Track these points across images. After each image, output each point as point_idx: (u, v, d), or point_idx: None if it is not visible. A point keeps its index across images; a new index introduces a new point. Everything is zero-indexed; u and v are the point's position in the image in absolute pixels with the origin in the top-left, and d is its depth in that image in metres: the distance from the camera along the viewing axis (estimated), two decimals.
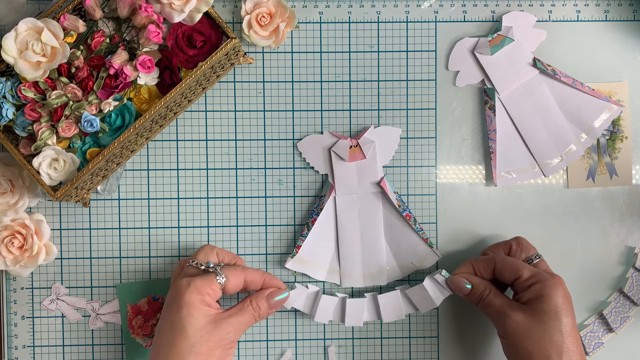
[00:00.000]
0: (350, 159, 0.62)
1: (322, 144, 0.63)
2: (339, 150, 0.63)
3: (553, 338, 0.54)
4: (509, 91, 0.64)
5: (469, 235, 0.65)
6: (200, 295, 0.54)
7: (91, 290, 0.64)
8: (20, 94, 0.56)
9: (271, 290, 0.58)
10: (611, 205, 0.65)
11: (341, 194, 0.63)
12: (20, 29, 0.55)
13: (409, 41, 0.64)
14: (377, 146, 0.63)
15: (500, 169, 0.64)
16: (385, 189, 0.63)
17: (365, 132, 0.63)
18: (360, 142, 0.63)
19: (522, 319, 0.55)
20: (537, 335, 0.54)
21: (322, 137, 0.63)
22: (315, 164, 0.64)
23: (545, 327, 0.54)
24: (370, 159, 0.63)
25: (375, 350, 0.65)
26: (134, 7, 0.56)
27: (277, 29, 0.61)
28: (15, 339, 0.64)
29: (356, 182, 0.63)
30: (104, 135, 0.58)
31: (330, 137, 0.63)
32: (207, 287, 0.54)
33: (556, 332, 0.54)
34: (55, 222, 0.64)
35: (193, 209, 0.64)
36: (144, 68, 0.57)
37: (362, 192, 0.63)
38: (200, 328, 0.53)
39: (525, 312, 0.55)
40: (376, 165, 0.63)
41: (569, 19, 0.65)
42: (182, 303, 0.53)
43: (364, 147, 0.62)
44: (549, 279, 0.56)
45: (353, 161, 0.63)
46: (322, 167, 0.64)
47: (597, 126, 0.64)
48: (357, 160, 0.63)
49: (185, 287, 0.54)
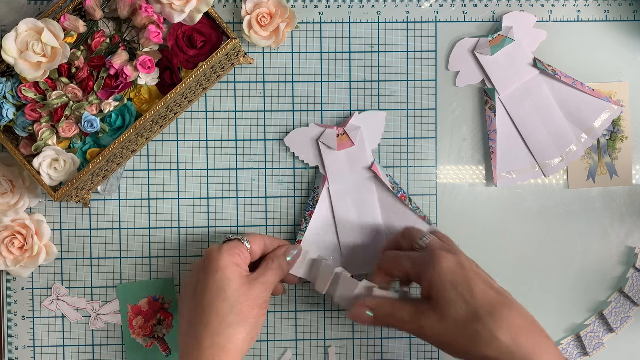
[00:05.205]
0: (338, 147, 0.62)
1: (309, 136, 0.63)
2: (327, 140, 0.62)
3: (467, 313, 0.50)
4: (509, 91, 0.64)
5: (469, 235, 0.65)
6: (232, 257, 0.56)
7: (91, 290, 0.64)
8: (21, 94, 0.56)
9: (285, 249, 0.60)
10: (611, 205, 0.65)
11: (334, 183, 0.63)
12: (20, 29, 0.55)
13: (409, 41, 0.64)
14: (364, 131, 0.63)
15: (500, 169, 0.64)
16: (377, 173, 0.62)
17: (350, 118, 0.63)
18: (347, 130, 0.62)
19: (433, 319, 0.51)
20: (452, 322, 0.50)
21: (308, 129, 0.63)
22: (305, 157, 0.63)
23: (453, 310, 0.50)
24: (358, 145, 0.62)
25: (375, 350, 0.65)
26: (134, 7, 0.56)
27: (277, 29, 0.61)
28: (15, 339, 0.64)
29: (347, 170, 0.63)
30: (104, 135, 0.58)
31: (316, 128, 0.63)
32: (236, 249, 0.56)
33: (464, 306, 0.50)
34: (55, 222, 0.64)
35: (193, 209, 0.64)
36: (144, 68, 0.57)
37: (355, 179, 0.63)
38: (237, 288, 0.54)
39: (432, 308, 0.51)
40: (365, 151, 0.63)
41: (569, 19, 0.65)
42: (217, 267, 0.55)
43: (351, 134, 0.62)
44: (426, 259, 0.53)
45: (342, 149, 0.62)
46: (312, 159, 0.63)
47: (597, 126, 0.64)
48: (346, 148, 0.62)
49: (218, 250, 0.56)
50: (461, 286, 0.51)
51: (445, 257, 0.53)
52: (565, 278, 0.65)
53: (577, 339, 0.65)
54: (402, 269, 0.55)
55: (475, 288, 0.51)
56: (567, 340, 0.65)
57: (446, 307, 0.51)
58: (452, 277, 0.51)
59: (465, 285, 0.51)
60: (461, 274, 0.52)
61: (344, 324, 0.65)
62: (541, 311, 0.64)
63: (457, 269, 0.52)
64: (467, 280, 0.51)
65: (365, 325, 0.60)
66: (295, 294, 0.64)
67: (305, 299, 0.65)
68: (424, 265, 0.53)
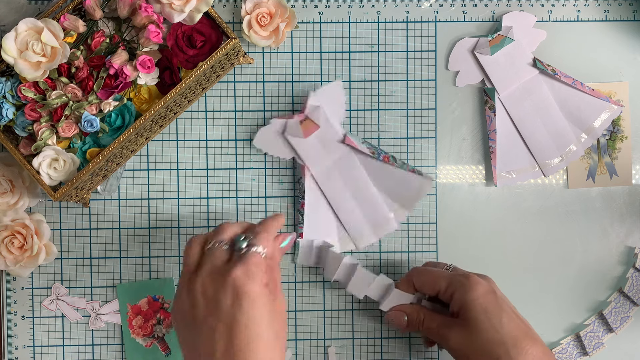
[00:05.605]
0: (305, 134, 0.62)
1: (275, 132, 0.62)
2: (292, 131, 0.62)
3: (494, 339, 0.53)
4: (509, 91, 0.64)
5: (469, 235, 0.65)
6: (262, 284, 0.50)
7: (91, 290, 0.64)
8: (20, 94, 0.56)
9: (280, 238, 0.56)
10: (611, 205, 0.65)
11: (315, 168, 0.62)
12: (20, 29, 0.55)
13: (409, 41, 0.64)
14: (326, 108, 0.62)
15: (500, 169, 0.64)
16: (352, 144, 0.62)
17: (307, 101, 0.61)
18: (308, 114, 0.61)
19: (459, 336, 0.54)
20: (479, 344, 0.53)
21: (270, 126, 0.62)
22: (278, 153, 0.63)
23: (482, 333, 0.53)
24: (324, 124, 0.62)
25: (375, 350, 0.65)
26: (134, 7, 0.56)
27: (277, 29, 0.61)
28: (15, 339, 0.64)
29: (323, 151, 0.62)
30: (104, 135, 0.58)
31: (278, 121, 0.62)
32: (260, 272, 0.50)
33: (493, 332, 0.53)
34: (55, 222, 0.64)
35: (193, 209, 0.64)
36: (144, 68, 0.57)
37: (334, 157, 0.62)
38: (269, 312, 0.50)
39: (460, 325, 0.54)
40: (333, 127, 0.62)
41: (569, 19, 0.65)
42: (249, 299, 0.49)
43: (313, 116, 0.61)
44: (463, 283, 0.55)
45: (309, 135, 0.62)
46: (286, 152, 0.63)
47: (597, 126, 0.64)
48: (313, 132, 0.62)
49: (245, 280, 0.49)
50: (492, 313, 0.53)
51: (480, 282, 0.55)
52: (565, 278, 0.65)
53: (577, 339, 0.65)
54: (436, 287, 0.57)
55: (505, 317, 0.54)
56: (567, 340, 0.65)
57: (475, 329, 0.53)
58: (484, 303, 0.54)
59: (496, 313, 0.54)
60: (493, 300, 0.54)
61: (344, 324, 0.65)
62: (541, 311, 0.65)
63: (490, 296, 0.54)
64: (498, 308, 0.54)
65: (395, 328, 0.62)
66: (295, 294, 0.64)
67: (305, 299, 0.65)
68: (459, 287, 0.55)
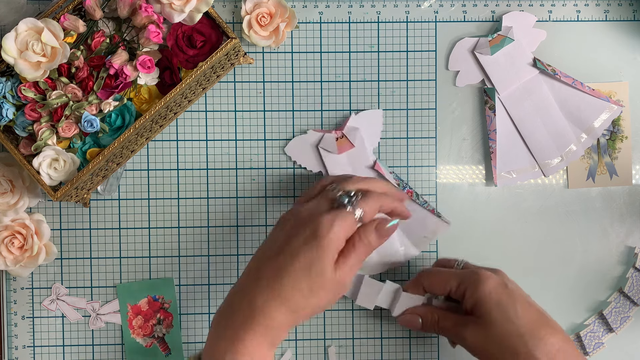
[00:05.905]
0: (339, 150, 0.62)
1: (309, 143, 0.63)
2: (327, 145, 0.62)
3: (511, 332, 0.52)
4: (509, 91, 0.64)
5: (469, 235, 0.65)
6: (339, 242, 0.50)
7: (91, 290, 0.64)
8: (20, 94, 0.56)
9: (379, 221, 0.52)
10: (611, 205, 0.65)
11: None
12: (20, 29, 0.55)
13: (409, 41, 0.64)
14: (363, 131, 0.63)
15: (500, 169, 0.64)
16: (381, 172, 0.62)
17: (348, 121, 0.63)
18: (345, 132, 0.62)
19: (475, 333, 0.54)
20: (496, 338, 0.53)
21: (307, 136, 0.63)
22: (307, 164, 0.63)
23: (498, 327, 0.53)
24: (359, 146, 0.62)
25: (375, 350, 0.65)
26: (134, 7, 0.56)
27: (277, 29, 0.61)
28: (15, 339, 0.64)
29: (351, 172, 0.63)
30: (104, 135, 0.58)
31: (315, 134, 0.63)
32: (345, 231, 0.50)
33: (509, 325, 0.53)
34: (55, 222, 0.64)
35: (193, 209, 0.64)
36: (144, 68, 0.57)
37: None
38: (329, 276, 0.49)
39: (475, 322, 0.54)
40: (366, 151, 0.63)
41: (569, 19, 0.65)
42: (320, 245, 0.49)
43: (350, 136, 0.62)
44: (473, 279, 0.55)
45: (342, 152, 0.62)
46: (314, 165, 0.63)
47: (597, 126, 0.64)
48: (347, 150, 0.62)
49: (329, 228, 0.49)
50: (505, 305, 0.53)
51: (490, 277, 0.55)
52: (565, 278, 0.65)
53: (577, 339, 0.65)
54: (446, 287, 0.56)
55: (519, 307, 0.53)
56: None
57: (490, 324, 0.53)
58: (497, 296, 0.54)
59: (510, 305, 0.53)
60: (505, 293, 0.54)
61: (344, 324, 0.65)
62: None
63: (502, 288, 0.54)
64: (511, 300, 0.54)
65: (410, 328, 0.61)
66: None
67: None
68: (470, 284, 0.55)
